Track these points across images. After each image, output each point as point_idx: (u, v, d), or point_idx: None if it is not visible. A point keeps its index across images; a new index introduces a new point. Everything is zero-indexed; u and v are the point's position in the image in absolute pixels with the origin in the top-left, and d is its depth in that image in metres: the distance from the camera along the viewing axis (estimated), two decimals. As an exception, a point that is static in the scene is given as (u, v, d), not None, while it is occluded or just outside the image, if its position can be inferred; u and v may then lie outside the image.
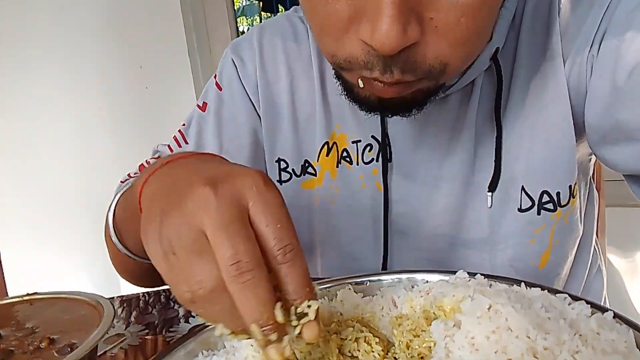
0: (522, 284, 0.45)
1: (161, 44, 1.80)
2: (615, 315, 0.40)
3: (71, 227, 2.05)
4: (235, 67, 0.70)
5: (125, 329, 0.57)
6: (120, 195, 0.54)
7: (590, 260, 0.75)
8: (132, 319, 0.60)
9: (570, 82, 0.56)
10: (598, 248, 0.81)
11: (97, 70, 1.86)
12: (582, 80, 0.55)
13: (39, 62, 1.87)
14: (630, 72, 0.49)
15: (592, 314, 0.41)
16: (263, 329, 0.31)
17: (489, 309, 0.37)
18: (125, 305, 0.63)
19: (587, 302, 0.42)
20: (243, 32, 2.27)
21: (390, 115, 0.52)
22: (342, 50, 0.44)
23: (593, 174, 0.74)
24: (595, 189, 0.77)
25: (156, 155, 0.72)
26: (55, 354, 0.36)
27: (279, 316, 0.31)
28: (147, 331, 0.56)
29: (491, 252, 0.64)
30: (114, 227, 0.54)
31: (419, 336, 0.39)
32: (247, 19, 2.00)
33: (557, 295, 0.43)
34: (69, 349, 0.37)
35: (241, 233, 0.31)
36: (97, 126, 1.93)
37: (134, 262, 0.55)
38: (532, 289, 0.45)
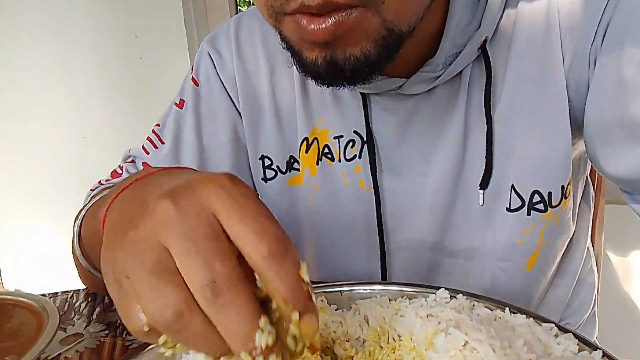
0: (507, 309, 0.42)
1: (156, 13, 1.74)
2: (605, 355, 0.36)
3: (64, 197, 2.03)
4: (212, 61, 0.66)
5: (84, 328, 0.54)
6: (86, 212, 0.50)
7: (582, 260, 0.72)
8: (95, 316, 0.57)
9: (570, 76, 0.53)
10: (591, 250, 0.79)
11: (91, 40, 1.80)
12: (583, 75, 0.52)
13: (31, 31, 1.82)
14: (638, 65, 0.46)
15: (580, 349, 0.37)
16: (253, 353, 0.26)
17: (464, 345, 0.33)
18: (89, 299, 0.60)
19: (575, 336, 0.38)
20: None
21: (344, 83, 0.47)
22: None
23: (592, 170, 0.70)
24: (591, 186, 0.73)
25: (129, 160, 0.68)
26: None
27: (268, 339, 0.26)
28: (107, 332, 0.53)
29: (479, 251, 0.62)
30: (79, 243, 0.50)
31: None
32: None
33: (543, 324, 0.40)
34: (-3, 369, 0.34)
35: (212, 246, 0.27)
36: (91, 96, 1.89)
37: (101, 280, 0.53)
38: (517, 315, 0.41)
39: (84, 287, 0.63)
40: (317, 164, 0.64)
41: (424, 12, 0.46)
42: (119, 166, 0.68)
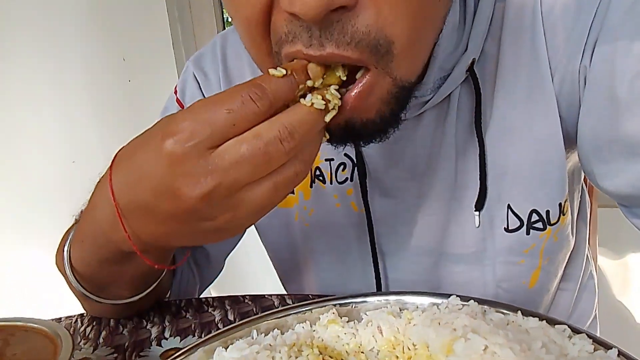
0: (519, 312, 0.42)
1: (145, 36, 1.75)
2: (620, 353, 0.37)
3: (53, 222, 1.99)
4: (198, 82, 0.66)
5: (92, 352, 0.54)
6: (74, 233, 0.50)
7: (582, 270, 0.73)
8: (101, 339, 0.56)
9: (560, 94, 0.53)
10: (589, 255, 0.80)
11: (79, 62, 1.80)
12: (574, 93, 0.52)
13: (19, 53, 1.81)
14: (630, 82, 0.46)
15: (595, 349, 0.38)
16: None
17: (484, 350, 0.34)
18: (94, 323, 0.59)
19: (589, 336, 0.39)
20: (231, 23, 2.22)
21: (364, 142, 0.47)
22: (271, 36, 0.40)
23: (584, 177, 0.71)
24: (587, 194, 0.74)
25: None
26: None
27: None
28: (115, 355, 0.53)
29: (478, 272, 0.62)
30: (72, 269, 0.50)
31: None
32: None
33: (556, 326, 0.40)
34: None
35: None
36: (80, 119, 1.88)
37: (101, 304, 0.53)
38: (530, 318, 0.42)
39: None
40: (311, 186, 0.64)
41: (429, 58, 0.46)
42: None
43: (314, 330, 0.46)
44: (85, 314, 0.61)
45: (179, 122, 0.35)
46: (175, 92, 0.67)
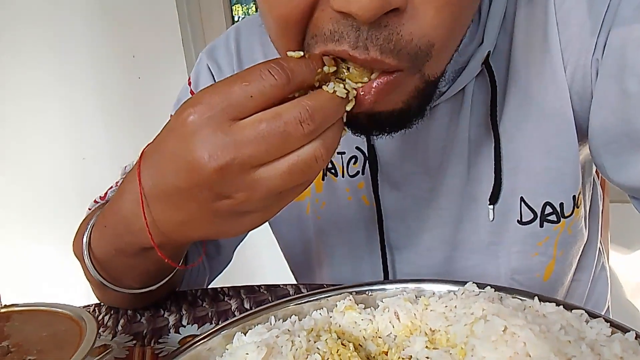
0: (536, 298, 0.42)
1: (154, 33, 1.75)
2: (638, 336, 0.37)
3: (64, 219, 2.01)
4: (212, 74, 0.66)
5: (111, 339, 0.54)
6: (96, 221, 0.50)
7: (595, 262, 0.73)
8: (120, 327, 0.57)
9: (573, 87, 0.53)
10: (602, 247, 0.80)
11: (89, 60, 1.81)
12: (587, 85, 0.52)
13: (28, 51, 1.83)
14: None
15: (612, 332, 0.38)
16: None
17: (504, 331, 0.34)
18: (112, 312, 0.60)
19: (606, 320, 0.39)
20: (238, 20, 2.22)
21: (387, 133, 0.47)
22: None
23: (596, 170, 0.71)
24: (599, 186, 0.74)
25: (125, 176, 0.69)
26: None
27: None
28: (134, 342, 0.53)
29: (491, 265, 0.62)
30: (90, 255, 0.51)
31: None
32: (242, 7, 1.96)
33: (573, 311, 0.41)
34: (44, 373, 0.34)
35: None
36: (89, 116, 1.89)
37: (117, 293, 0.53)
38: (547, 304, 0.42)
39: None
40: (323, 179, 0.64)
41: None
42: (115, 182, 0.68)
43: (331, 317, 0.46)
44: (102, 304, 0.62)
45: (197, 97, 0.36)
46: (189, 84, 0.68)
